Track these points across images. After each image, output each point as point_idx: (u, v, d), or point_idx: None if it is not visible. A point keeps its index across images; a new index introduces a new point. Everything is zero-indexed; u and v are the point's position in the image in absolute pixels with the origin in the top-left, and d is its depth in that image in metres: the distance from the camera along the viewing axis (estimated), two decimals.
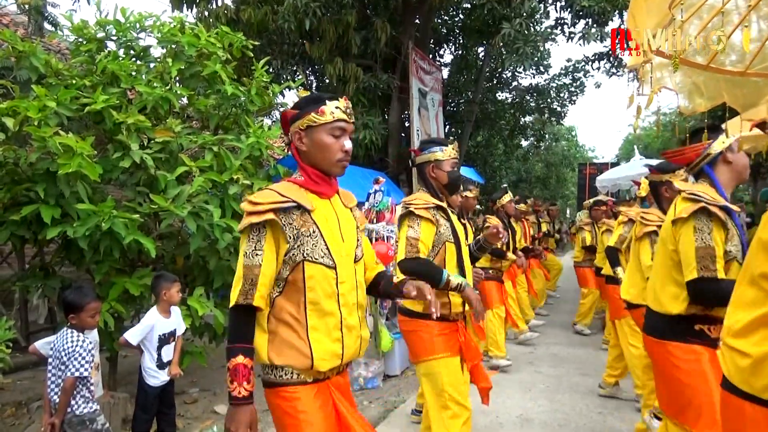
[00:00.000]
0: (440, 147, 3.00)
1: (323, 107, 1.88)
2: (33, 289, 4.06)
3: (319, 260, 1.84)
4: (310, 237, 1.84)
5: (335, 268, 1.88)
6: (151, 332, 3.49)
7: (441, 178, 2.98)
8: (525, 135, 17.17)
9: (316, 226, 1.86)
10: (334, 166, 1.93)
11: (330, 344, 1.86)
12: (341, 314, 1.88)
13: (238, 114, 4.73)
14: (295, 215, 1.84)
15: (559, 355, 6.32)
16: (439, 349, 2.84)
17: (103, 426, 3.07)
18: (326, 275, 1.86)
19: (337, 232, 1.93)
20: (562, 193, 29.15)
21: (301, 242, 1.83)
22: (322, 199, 1.94)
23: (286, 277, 1.84)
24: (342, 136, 1.91)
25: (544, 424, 4.19)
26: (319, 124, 1.88)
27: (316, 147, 1.90)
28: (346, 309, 1.91)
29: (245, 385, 1.71)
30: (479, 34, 12.16)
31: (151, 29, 4.53)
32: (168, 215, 3.69)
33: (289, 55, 10.54)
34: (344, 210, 2.04)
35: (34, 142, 3.36)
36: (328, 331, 1.86)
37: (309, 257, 1.83)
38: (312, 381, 1.86)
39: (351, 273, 1.94)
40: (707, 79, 1.68)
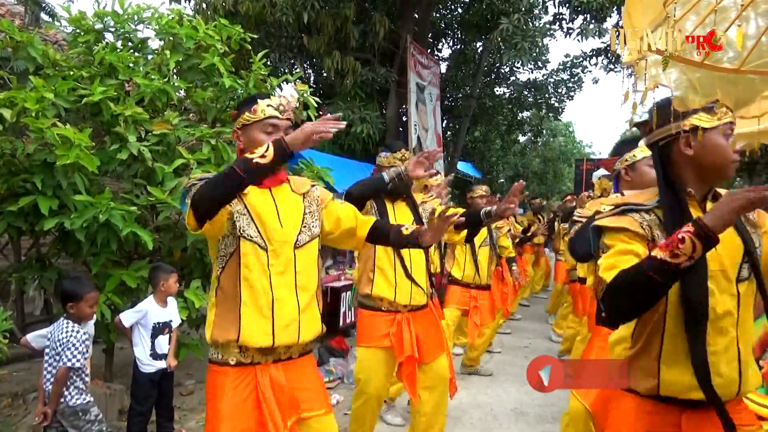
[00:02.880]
0: (386, 153, 3.18)
1: (255, 106, 2.00)
2: (29, 280, 4.06)
3: (252, 238, 1.96)
4: (244, 215, 1.97)
5: (266, 249, 1.97)
6: (146, 318, 3.51)
7: None
8: (522, 130, 17.17)
9: (246, 209, 1.98)
10: None
11: (259, 322, 1.94)
12: (273, 294, 1.96)
13: (236, 107, 4.72)
14: None
15: (554, 349, 6.36)
16: (366, 339, 3.04)
17: (97, 417, 3.08)
18: (258, 254, 1.96)
19: (273, 217, 2.02)
20: (558, 189, 29.18)
21: (238, 218, 1.96)
22: (260, 188, 2.05)
23: (230, 253, 1.97)
24: (274, 132, 1.99)
25: (538, 417, 4.23)
26: (252, 122, 2.00)
27: (250, 144, 2.00)
28: (280, 290, 1.98)
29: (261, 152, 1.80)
30: (477, 28, 12.14)
31: (149, 21, 4.51)
32: (165, 207, 3.69)
33: (287, 48, 10.52)
34: (291, 196, 2.13)
35: (32, 133, 3.36)
36: (259, 309, 1.95)
37: (245, 234, 1.96)
38: (236, 364, 1.96)
39: (289, 257, 2.02)
40: (702, 76, 1.69)
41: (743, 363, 1.59)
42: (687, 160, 1.64)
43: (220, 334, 1.96)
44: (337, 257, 7.55)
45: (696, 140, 1.60)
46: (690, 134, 1.61)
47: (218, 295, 2.01)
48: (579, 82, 14.80)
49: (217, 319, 1.99)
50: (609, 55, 13.08)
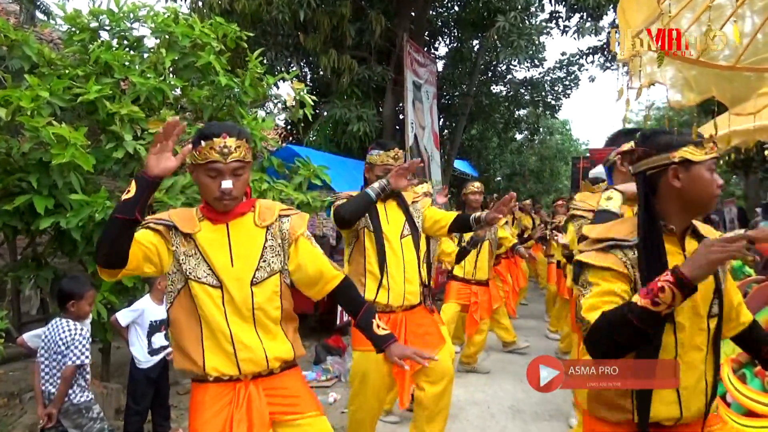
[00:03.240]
0: (378, 151, 3.12)
1: (200, 147, 1.88)
2: (25, 280, 4.05)
3: (202, 279, 1.93)
4: (192, 257, 1.93)
5: (221, 287, 1.93)
6: (142, 317, 3.51)
7: (371, 180, 3.07)
8: (519, 128, 17.17)
9: (197, 249, 1.94)
10: (215, 204, 1.95)
11: (222, 356, 1.93)
12: (231, 331, 1.92)
13: (232, 105, 4.71)
14: (179, 236, 1.94)
15: (552, 347, 6.37)
16: (361, 342, 2.93)
17: (98, 414, 3.08)
18: (210, 294, 1.93)
19: (225, 256, 1.95)
20: (555, 187, 29.20)
21: (185, 260, 1.93)
22: (215, 224, 1.98)
23: (180, 290, 1.96)
24: (218, 176, 1.88)
25: (535, 414, 4.23)
26: (197, 163, 1.91)
27: (197, 183, 1.97)
28: (238, 327, 1.93)
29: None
30: (474, 26, 12.13)
31: (145, 19, 4.49)
32: (161, 206, 3.68)
33: (284, 46, 10.49)
34: (251, 230, 2.02)
35: (27, 132, 3.34)
36: (220, 346, 1.93)
37: (193, 276, 1.92)
38: (213, 380, 1.95)
39: (246, 294, 1.95)
40: (698, 73, 1.69)
41: (710, 396, 1.65)
42: (673, 192, 1.64)
43: (185, 365, 1.97)
44: (334, 255, 7.55)
45: (684, 173, 1.61)
46: (678, 167, 1.61)
47: (173, 329, 2.01)
48: (575, 80, 14.80)
49: (178, 352, 2.00)
50: (605, 53, 13.09)
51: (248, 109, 4.86)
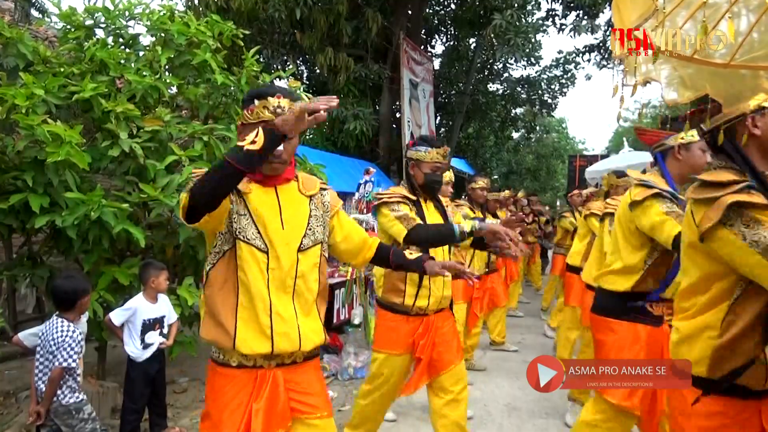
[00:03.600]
0: (426, 148, 3.00)
1: (252, 106, 1.86)
2: (21, 278, 4.03)
3: (251, 241, 1.86)
4: (243, 217, 1.87)
5: (267, 252, 1.88)
6: (135, 316, 3.50)
7: (417, 178, 3.00)
8: (516, 126, 17.20)
9: (247, 209, 1.89)
10: (262, 167, 1.90)
11: (256, 328, 1.85)
12: (271, 300, 1.87)
13: (229, 103, 4.71)
14: (233, 194, 1.87)
15: (548, 345, 6.38)
16: (386, 344, 2.96)
17: (90, 415, 3.07)
18: (256, 257, 1.87)
19: (275, 218, 1.92)
20: (552, 185, 29.24)
21: (237, 219, 1.87)
22: (265, 186, 1.95)
23: (225, 252, 1.88)
24: None
25: (531, 412, 4.24)
26: (248, 124, 1.86)
27: None
28: (278, 296, 1.89)
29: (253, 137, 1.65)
30: (471, 24, 12.15)
31: (141, 17, 4.48)
32: (157, 205, 3.68)
33: (280, 44, 10.49)
34: (297, 197, 2.02)
35: (22, 130, 3.33)
36: (256, 315, 1.86)
37: (242, 236, 1.86)
38: (237, 366, 1.89)
39: (292, 261, 1.92)
40: (693, 71, 1.70)
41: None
42: (753, 142, 1.66)
43: (214, 336, 1.89)
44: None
45: (761, 120, 1.63)
46: (756, 115, 1.64)
47: (208, 292, 1.92)
48: (572, 78, 14.85)
49: (209, 319, 1.91)
50: (602, 51, 13.12)
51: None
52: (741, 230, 1.52)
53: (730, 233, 1.53)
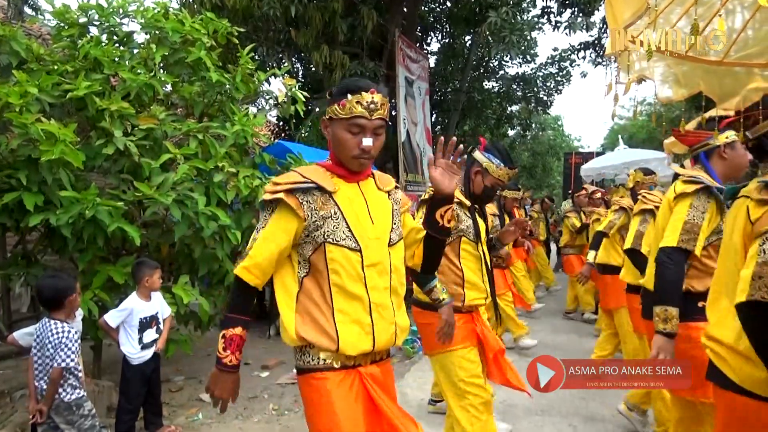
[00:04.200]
0: (499, 162, 2.91)
1: (344, 101, 1.83)
2: (15, 277, 4.02)
3: (341, 242, 1.83)
4: (331, 218, 1.83)
5: (360, 250, 1.85)
6: (131, 316, 3.50)
7: (476, 185, 2.95)
8: (511, 124, 17.18)
9: (337, 208, 1.85)
10: (349, 162, 1.89)
11: (357, 328, 1.83)
12: (369, 298, 1.84)
13: (223, 101, 4.70)
14: (316, 196, 1.84)
15: (544, 342, 6.39)
16: (453, 341, 2.77)
17: (90, 411, 3.07)
18: (349, 258, 1.83)
19: (364, 215, 1.90)
20: (547, 183, 29.29)
21: (322, 223, 1.83)
22: (349, 182, 1.93)
23: (309, 258, 1.85)
24: (361, 132, 1.84)
25: (527, 409, 4.25)
26: (338, 118, 1.85)
27: (334, 139, 1.89)
28: (376, 293, 1.86)
29: (237, 354, 1.81)
30: (466, 22, 12.13)
31: (135, 14, 4.47)
32: (152, 203, 3.67)
33: (275, 42, 10.45)
34: (377, 193, 2.01)
35: (16, 129, 3.32)
36: (356, 315, 1.83)
37: (330, 239, 1.82)
38: (340, 367, 1.84)
39: (383, 256, 1.90)
40: (688, 69, 1.70)
41: None
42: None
43: (314, 339, 1.82)
44: None
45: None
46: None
47: (300, 299, 1.86)
48: (567, 75, 14.83)
49: (302, 323, 1.84)
50: (597, 48, 13.12)
51: (239, 105, 4.84)
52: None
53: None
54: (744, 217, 1.65)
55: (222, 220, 3.85)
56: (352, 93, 1.83)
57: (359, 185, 1.95)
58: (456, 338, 2.77)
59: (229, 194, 4.07)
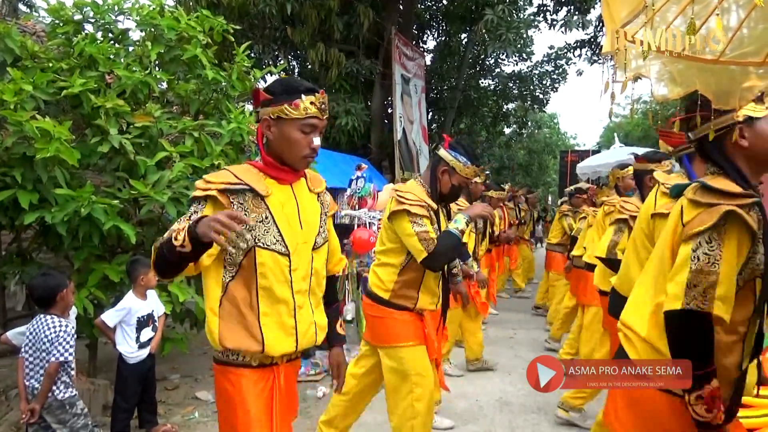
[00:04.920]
0: (466, 161, 2.85)
1: (298, 101, 1.81)
2: (10, 275, 4.01)
3: (271, 246, 1.82)
4: (262, 223, 1.82)
5: (289, 255, 1.86)
6: (129, 315, 3.49)
7: (443, 185, 2.87)
8: (507, 122, 17.23)
9: (269, 212, 1.84)
10: (298, 162, 1.89)
11: (282, 331, 1.85)
12: (295, 301, 1.87)
13: (219, 99, 4.69)
14: (248, 198, 1.81)
15: (539, 340, 6.41)
16: (405, 337, 2.85)
17: (82, 410, 3.07)
18: (278, 262, 1.84)
19: (295, 219, 1.90)
20: (543, 180, 29.36)
21: (253, 227, 1.80)
22: (281, 184, 1.91)
23: (240, 263, 1.82)
24: (312, 132, 1.85)
25: (522, 407, 4.26)
26: (290, 118, 1.82)
27: (283, 140, 1.85)
28: (301, 296, 1.90)
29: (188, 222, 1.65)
30: (462, 20, 12.16)
31: (130, 12, 4.45)
32: (148, 201, 3.66)
33: (271, 39, 10.44)
34: (308, 195, 2.01)
35: (10, 126, 3.30)
36: (280, 318, 1.85)
37: (261, 243, 1.81)
38: (258, 365, 1.87)
39: (307, 260, 1.92)
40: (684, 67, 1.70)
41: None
42: (740, 152, 1.63)
43: (238, 343, 1.81)
44: None
45: (749, 131, 1.60)
46: (744, 125, 1.61)
47: (224, 304, 1.84)
48: (563, 73, 14.89)
49: (227, 329, 1.83)
50: (593, 47, 13.16)
51: (235, 103, 4.84)
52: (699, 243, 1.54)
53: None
54: (677, 215, 1.66)
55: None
56: (305, 93, 1.82)
57: (292, 187, 1.94)
58: (408, 334, 2.85)
59: None
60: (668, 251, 1.68)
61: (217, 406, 1.96)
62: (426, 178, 2.93)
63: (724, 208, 1.49)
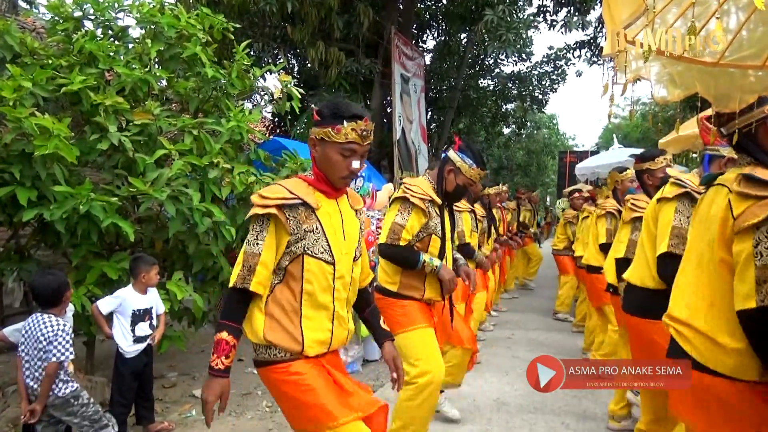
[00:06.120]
0: (472, 163, 3.01)
1: (340, 126, 1.95)
2: (8, 272, 4.00)
3: (318, 255, 1.98)
4: (312, 233, 1.98)
5: (334, 264, 2.01)
6: (123, 306, 3.48)
7: (449, 184, 3.04)
8: (507, 122, 17.24)
9: (319, 223, 2.00)
10: (337, 182, 2.04)
11: (320, 334, 2.00)
12: (335, 307, 2.03)
13: (219, 97, 4.68)
14: (300, 211, 1.97)
15: (537, 340, 6.42)
16: (413, 322, 2.98)
17: (89, 399, 3.08)
18: (324, 270, 2.00)
19: (339, 231, 2.06)
20: (542, 181, 29.36)
21: (303, 237, 1.96)
22: (329, 198, 2.07)
23: (286, 267, 1.98)
24: (352, 156, 1.98)
25: (520, 407, 4.27)
26: (332, 141, 1.96)
27: (325, 160, 2.00)
28: (339, 303, 2.05)
29: (223, 360, 1.89)
30: (462, 20, 12.15)
31: (130, 9, 4.45)
32: (147, 199, 3.66)
33: (271, 38, 10.42)
34: (349, 210, 2.17)
35: (9, 123, 3.30)
36: (320, 322, 2.01)
37: (309, 251, 1.97)
38: (313, 355, 2.01)
39: (349, 270, 2.08)
40: (683, 69, 1.70)
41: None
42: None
43: (279, 340, 1.97)
44: None
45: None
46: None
47: (269, 304, 2.01)
48: (563, 74, 14.89)
49: (270, 327, 1.99)
50: (592, 47, 13.17)
51: (235, 101, 4.83)
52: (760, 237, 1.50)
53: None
54: (725, 207, 1.64)
55: (216, 216, 3.84)
56: (347, 120, 1.95)
57: (337, 202, 2.11)
58: (416, 318, 2.99)
59: (224, 190, 4.07)
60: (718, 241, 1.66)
61: (281, 404, 2.07)
62: (434, 176, 3.10)
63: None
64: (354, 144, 1.96)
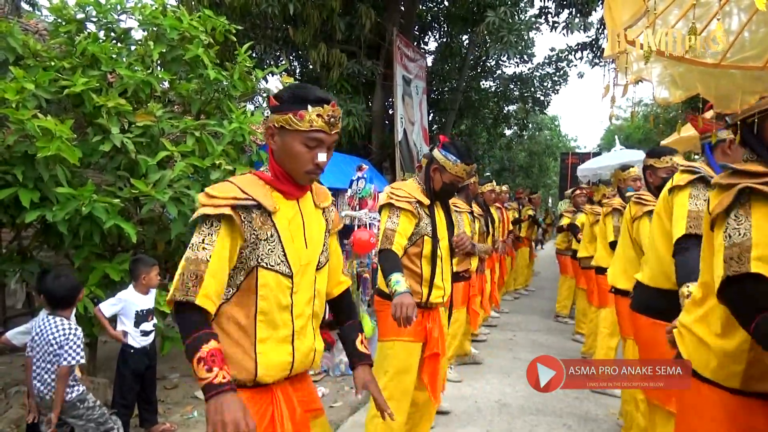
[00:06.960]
0: (455, 159, 2.92)
1: (303, 112, 1.65)
2: (10, 273, 4.01)
3: (274, 267, 1.68)
4: (266, 241, 1.68)
5: (292, 276, 1.71)
6: (126, 307, 3.50)
7: (435, 182, 2.98)
8: (508, 124, 17.23)
9: (275, 230, 1.69)
10: (301, 177, 1.73)
11: (278, 357, 1.71)
12: (293, 326, 1.73)
13: (221, 99, 4.69)
14: (255, 214, 1.67)
15: (538, 341, 6.42)
16: (400, 332, 2.83)
17: (95, 402, 3.10)
18: (281, 284, 1.70)
19: (300, 238, 1.76)
20: (544, 182, 29.35)
21: (256, 245, 1.67)
22: (288, 199, 1.76)
23: (240, 284, 1.68)
24: (317, 147, 1.69)
25: (521, 408, 4.26)
26: (294, 129, 1.66)
27: (285, 152, 1.70)
28: (300, 320, 1.75)
29: (226, 369, 1.52)
30: (464, 21, 12.15)
31: (132, 11, 4.46)
32: (149, 200, 3.66)
33: (273, 39, 10.44)
34: (314, 211, 1.87)
35: (12, 125, 3.31)
36: (277, 344, 1.70)
37: (263, 263, 1.67)
38: (252, 386, 1.70)
39: (309, 282, 1.78)
40: (685, 70, 1.71)
41: None
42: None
43: (233, 372, 1.61)
44: None
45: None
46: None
47: (222, 332, 1.67)
48: (564, 76, 14.89)
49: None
50: (594, 49, 13.16)
51: (237, 103, 4.84)
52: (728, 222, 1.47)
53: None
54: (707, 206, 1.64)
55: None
56: (312, 104, 1.66)
57: (298, 202, 1.80)
58: (405, 330, 2.77)
59: None
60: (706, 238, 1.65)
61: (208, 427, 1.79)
62: (421, 177, 3.05)
63: (740, 186, 1.45)
64: (320, 132, 1.66)
